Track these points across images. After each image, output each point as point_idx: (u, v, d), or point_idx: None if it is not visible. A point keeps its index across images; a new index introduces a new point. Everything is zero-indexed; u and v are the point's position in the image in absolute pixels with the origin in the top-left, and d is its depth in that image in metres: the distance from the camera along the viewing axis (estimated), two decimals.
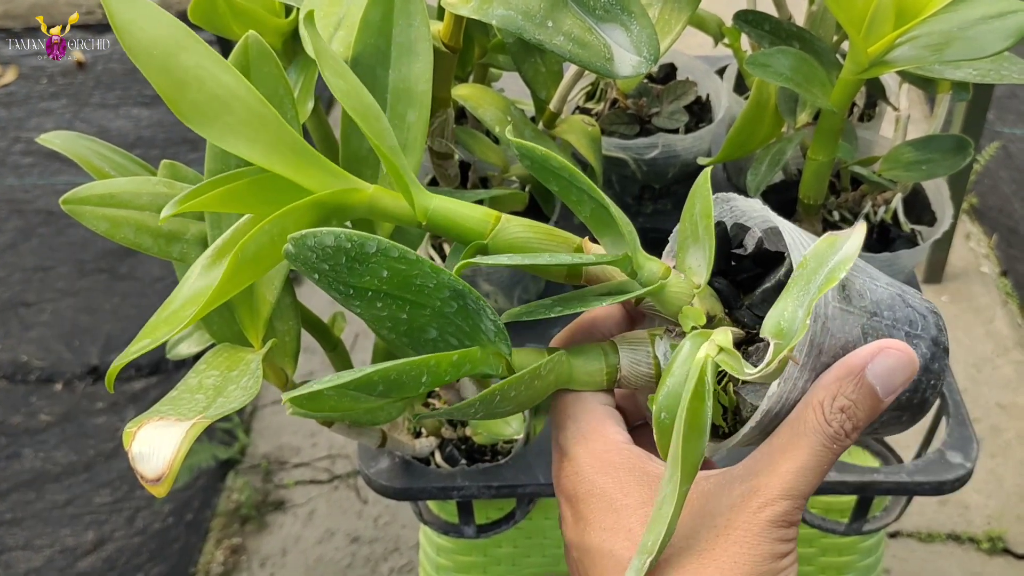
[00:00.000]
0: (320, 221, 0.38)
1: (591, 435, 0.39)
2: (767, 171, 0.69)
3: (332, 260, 0.34)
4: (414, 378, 0.35)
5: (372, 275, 0.34)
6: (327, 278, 0.34)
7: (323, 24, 0.55)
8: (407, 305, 0.36)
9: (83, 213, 0.46)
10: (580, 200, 0.40)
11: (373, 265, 0.34)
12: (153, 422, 0.42)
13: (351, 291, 0.35)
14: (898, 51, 0.59)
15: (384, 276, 0.35)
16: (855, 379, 0.35)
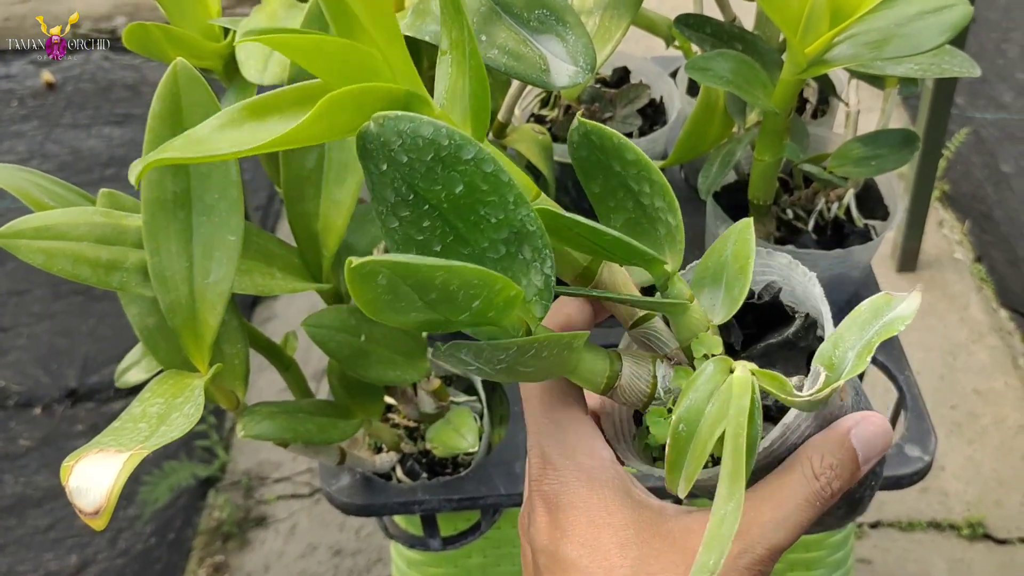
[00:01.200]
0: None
1: (579, 447, 0.39)
2: (718, 172, 0.70)
3: (417, 154, 0.30)
4: (470, 296, 0.31)
5: (446, 186, 0.31)
6: (395, 173, 0.30)
7: (259, 46, 0.55)
8: (450, 236, 0.32)
9: (18, 247, 0.46)
10: (622, 203, 0.40)
11: (455, 174, 0.30)
12: (92, 455, 0.42)
13: (411, 197, 0.31)
14: (836, 50, 0.59)
15: (457, 192, 0.31)
16: (841, 441, 0.37)
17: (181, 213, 0.48)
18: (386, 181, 0.30)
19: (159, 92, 0.46)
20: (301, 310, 1.71)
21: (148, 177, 0.47)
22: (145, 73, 2.38)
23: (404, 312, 0.31)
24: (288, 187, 0.55)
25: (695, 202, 0.87)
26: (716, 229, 0.75)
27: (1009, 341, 1.60)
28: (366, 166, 0.30)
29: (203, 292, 0.49)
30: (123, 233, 0.49)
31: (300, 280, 0.56)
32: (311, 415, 0.58)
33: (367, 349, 0.58)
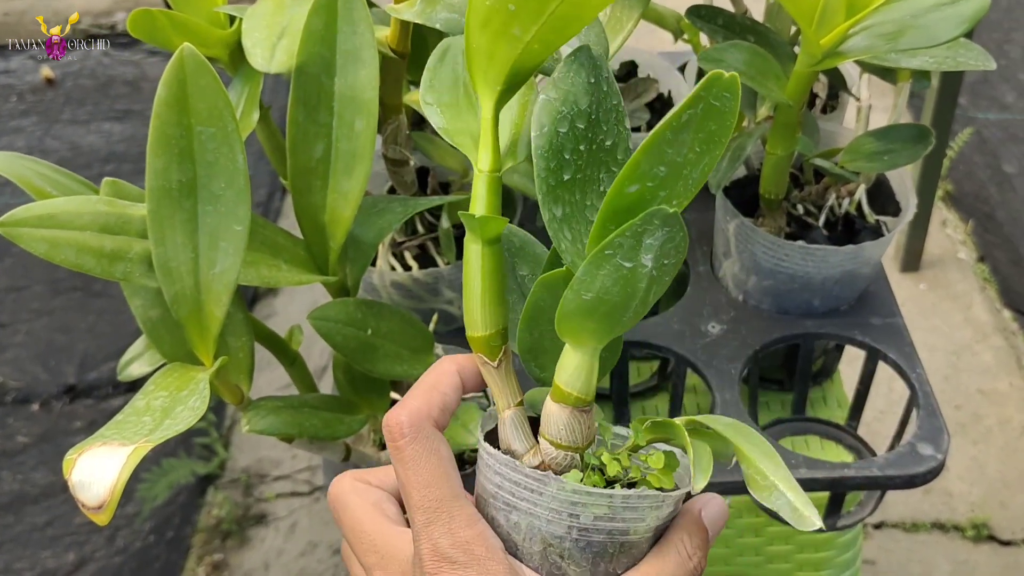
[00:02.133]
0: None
1: (470, 537, 0.37)
2: (728, 166, 0.69)
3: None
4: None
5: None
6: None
7: (266, 34, 0.54)
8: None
9: (20, 235, 0.45)
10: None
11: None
12: (95, 448, 0.41)
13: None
14: (851, 41, 0.58)
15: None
16: (698, 522, 0.40)
17: (187, 202, 0.47)
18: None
19: (165, 78, 0.45)
20: (302, 307, 1.70)
21: (153, 165, 0.47)
22: (145, 69, 2.37)
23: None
24: (295, 178, 0.54)
25: (703, 197, 0.86)
26: (725, 224, 0.74)
27: (1013, 342, 1.59)
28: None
29: (209, 283, 0.48)
30: (127, 222, 0.48)
31: (306, 272, 0.55)
32: (316, 410, 0.57)
33: (374, 343, 0.57)
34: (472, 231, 0.38)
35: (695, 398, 0.84)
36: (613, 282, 0.33)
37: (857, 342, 0.73)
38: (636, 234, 0.31)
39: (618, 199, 0.33)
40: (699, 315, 0.76)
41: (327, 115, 0.53)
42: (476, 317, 0.39)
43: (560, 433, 0.38)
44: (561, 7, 0.33)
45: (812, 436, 0.79)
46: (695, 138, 0.32)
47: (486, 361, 0.40)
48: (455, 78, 0.43)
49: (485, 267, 0.38)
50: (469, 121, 0.42)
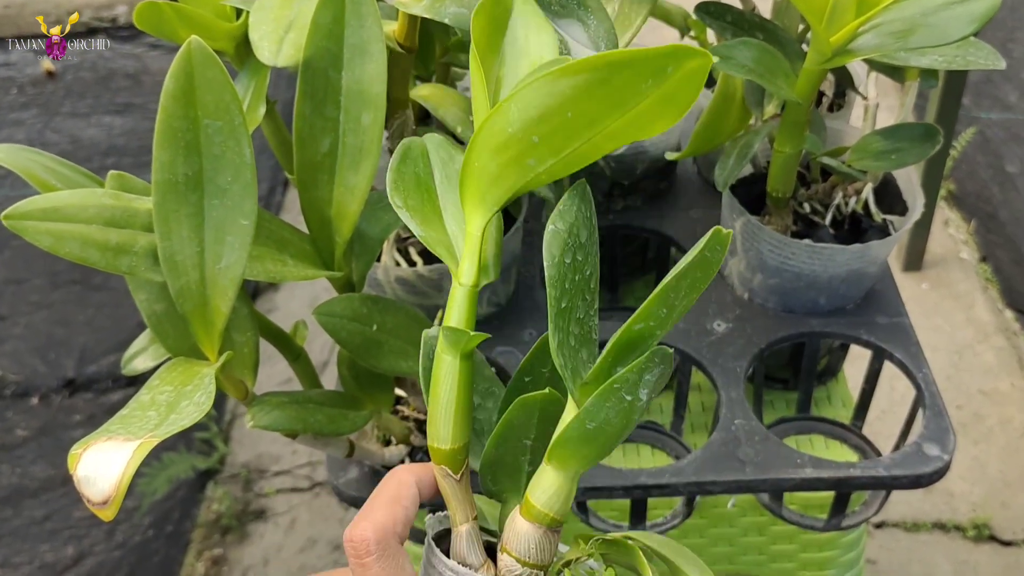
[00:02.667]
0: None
1: None
2: (735, 164, 0.68)
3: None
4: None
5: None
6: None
7: (273, 27, 0.54)
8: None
9: (25, 228, 0.45)
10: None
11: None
12: (100, 443, 0.40)
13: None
14: (861, 39, 0.58)
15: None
16: None
17: (193, 196, 0.47)
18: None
19: (172, 71, 0.45)
20: (302, 302, 1.70)
21: (159, 158, 0.46)
22: (146, 62, 2.36)
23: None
24: (301, 172, 0.53)
25: (709, 195, 0.86)
26: (732, 222, 0.73)
27: (1015, 342, 1.58)
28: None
29: (214, 277, 0.48)
30: (133, 216, 0.47)
31: (312, 267, 0.55)
32: (321, 406, 0.57)
33: (379, 339, 0.57)
34: (452, 345, 0.38)
35: (700, 396, 0.83)
36: (616, 413, 0.35)
37: (863, 341, 0.73)
38: (640, 371, 0.34)
39: (625, 335, 0.35)
40: (704, 313, 0.76)
41: (334, 109, 0.53)
42: (444, 431, 0.39)
43: (529, 551, 0.38)
44: (582, 146, 0.33)
45: (817, 435, 0.78)
46: (686, 284, 0.35)
47: (448, 474, 0.39)
48: (417, 181, 0.43)
49: (459, 381, 0.38)
50: (438, 229, 0.42)
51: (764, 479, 0.64)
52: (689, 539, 0.81)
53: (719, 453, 0.66)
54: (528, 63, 0.41)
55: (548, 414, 0.38)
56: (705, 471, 0.65)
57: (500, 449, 0.40)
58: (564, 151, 0.34)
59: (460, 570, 0.38)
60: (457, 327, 0.38)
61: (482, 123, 0.34)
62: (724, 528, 0.79)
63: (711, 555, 0.82)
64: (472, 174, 0.36)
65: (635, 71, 0.30)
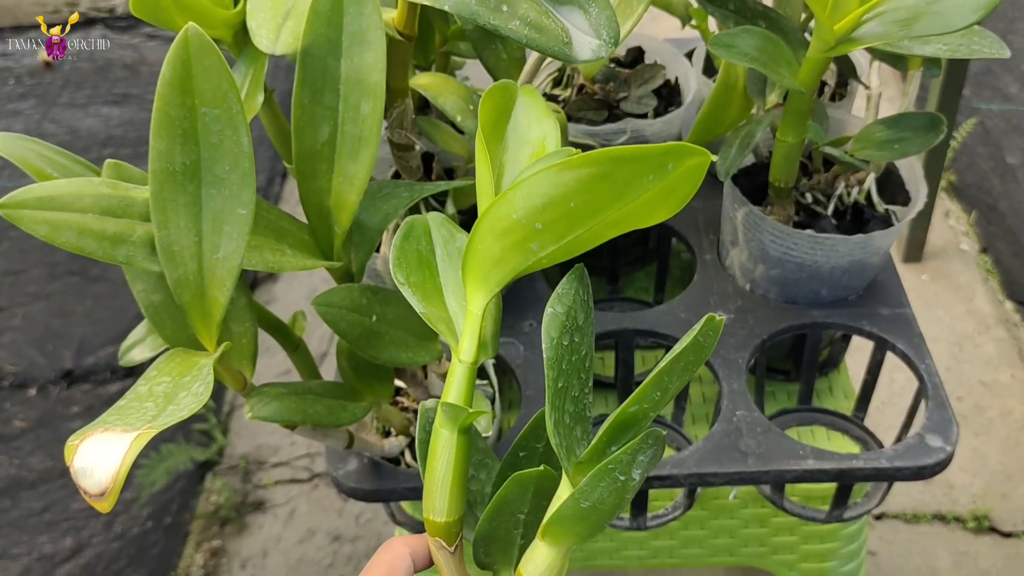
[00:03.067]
0: None
1: None
2: (737, 154, 0.68)
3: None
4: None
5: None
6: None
7: (271, 14, 0.53)
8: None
9: (21, 217, 0.44)
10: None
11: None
12: (97, 434, 0.40)
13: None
14: (865, 28, 0.57)
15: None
16: None
17: (190, 185, 0.46)
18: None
19: (169, 58, 0.44)
20: (301, 293, 1.70)
21: (156, 147, 0.46)
22: (144, 53, 2.36)
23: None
24: (300, 162, 0.53)
25: (710, 185, 0.85)
26: (733, 212, 0.73)
27: (1015, 333, 1.58)
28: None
29: (212, 268, 0.47)
30: (130, 205, 0.47)
31: (311, 257, 0.54)
32: (320, 397, 0.56)
33: (378, 330, 0.56)
34: (450, 420, 0.39)
35: (701, 387, 0.83)
36: (609, 493, 0.36)
37: (865, 332, 0.73)
38: (633, 452, 0.35)
39: (621, 416, 0.36)
40: (706, 304, 0.75)
41: (333, 98, 0.52)
42: (440, 504, 0.40)
43: None
44: (584, 234, 0.34)
45: (818, 427, 0.78)
46: (679, 367, 0.36)
47: (443, 546, 0.40)
48: (420, 258, 0.44)
49: (456, 456, 0.39)
50: (439, 306, 0.43)
51: (766, 471, 0.64)
52: (690, 531, 0.80)
53: (721, 444, 0.65)
54: (530, 151, 0.43)
55: (542, 489, 0.39)
56: (706, 462, 0.64)
57: (494, 523, 0.41)
58: (566, 238, 0.35)
59: None
60: (456, 403, 0.39)
61: (487, 208, 0.35)
62: (725, 520, 0.79)
63: (712, 547, 0.81)
64: (475, 256, 0.37)
65: (637, 166, 0.31)
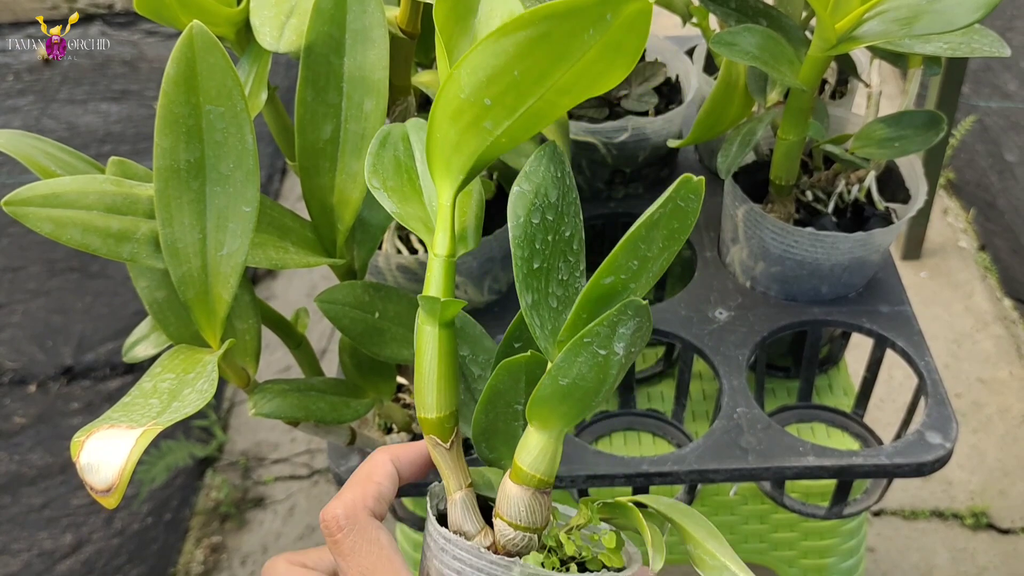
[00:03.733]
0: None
1: None
2: (738, 152, 0.68)
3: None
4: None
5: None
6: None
7: (275, 12, 0.53)
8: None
9: (26, 215, 0.44)
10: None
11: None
12: (103, 430, 0.40)
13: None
14: (866, 26, 0.57)
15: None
16: None
17: (195, 183, 0.46)
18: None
19: (174, 56, 0.44)
20: (300, 290, 1.70)
21: (160, 145, 0.46)
22: (143, 49, 2.36)
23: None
24: (303, 159, 0.53)
25: (711, 182, 0.86)
26: (734, 210, 0.73)
27: (1013, 330, 1.59)
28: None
29: (216, 265, 0.48)
30: (134, 203, 0.47)
31: (314, 254, 0.54)
32: (323, 394, 0.57)
33: (381, 326, 0.57)
34: (429, 314, 0.39)
35: (701, 384, 0.83)
36: (589, 368, 0.34)
37: (865, 330, 0.73)
38: (612, 324, 0.33)
39: (594, 290, 0.35)
40: (706, 301, 0.75)
41: (336, 95, 0.52)
42: (429, 400, 0.39)
43: (520, 515, 0.38)
44: (536, 104, 0.33)
45: (818, 423, 0.78)
46: (661, 235, 0.34)
47: (438, 443, 0.40)
48: (397, 163, 0.44)
49: (441, 350, 0.39)
50: (416, 206, 0.43)
51: (766, 467, 0.64)
52: None
53: (721, 441, 0.66)
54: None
55: (535, 377, 0.38)
56: (707, 459, 0.65)
57: (490, 415, 0.40)
58: (518, 110, 0.33)
59: (461, 543, 0.38)
60: (434, 296, 0.38)
61: (439, 93, 0.34)
62: (726, 516, 0.79)
63: None
64: (435, 145, 0.36)
65: (574, 22, 0.30)
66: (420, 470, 0.43)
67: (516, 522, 0.38)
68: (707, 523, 0.39)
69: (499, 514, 0.39)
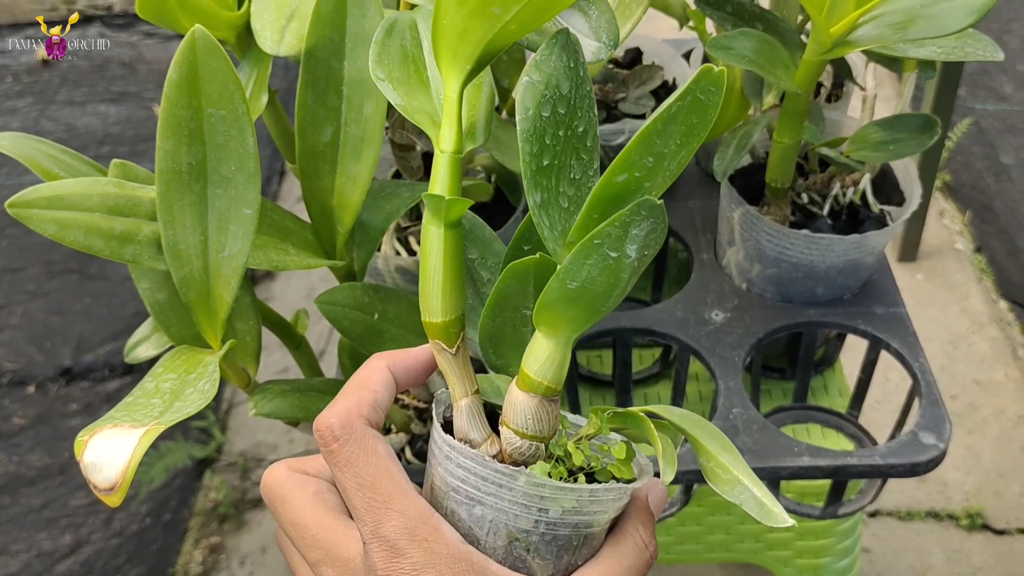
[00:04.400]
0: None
1: (426, 533, 0.35)
2: (734, 155, 0.69)
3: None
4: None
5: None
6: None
7: (275, 16, 0.54)
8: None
9: (30, 216, 0.45)
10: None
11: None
12: (106, 430, 0.41)
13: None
14: (861, 30, 0.58)
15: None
16: (647, 509, 0.40)
17: (196, 185, 0.47)
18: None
19: (176, 60, 0.45)
20: (299, 291, 1.70)
21: (163, 147, 0.46)
22: (141, 51, 2.36)
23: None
24: (303, 162, 0.53)
25: (707, 185, 0.86)
26: (730, 212, 0.74)
27: (1009, 332, 1.59)
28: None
29: (218, 266, 0.48)
30: (137, 205, 0.48)
31: (314, 256, 0.55)
32: (323, 394, 0.57)
33: (380, 327, 0.57)
34: (434, 213, 0.36)
35: (697, 386, 0.84)
36: (599, 272, 0.32)
37: (860, 331, 0.74)
38: (624, 224, 0.31)
39: (606, 188, 0.33)
40: (703, 303, 0.76)
41: (336, 99, 0.53)
42: (435, 303, 0.38)
43: (527, 423, 0.37)
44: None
45: (813, 424, 0.79)
46: (678, 130, 0.32)
47: (443, 348, 0.38)
48: (404, 54, 0.42)
49: (447, 251, 0.37)
50: (423, 99, 0.41)
51: (762, 467, 0.65)
52: (686, 527, 0.81)
53: None
54: None
55: (544, 281, 0.35)
56: None
57: (497, 320, 0.39)
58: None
59: (465, 451, 0.37)
60: (439, 194, 0.36)
61: None
62: (721, 516, 0.80)
63: (708, 543, 0.82)
64: (441, 32, 0.35)
65: None
66: (418, 376, 0.41)
67: (523, 430, 0.37)
68: (721, 436, 0.37)
69: (505, 422, 0.37)
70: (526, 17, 0.33)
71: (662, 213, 0.32)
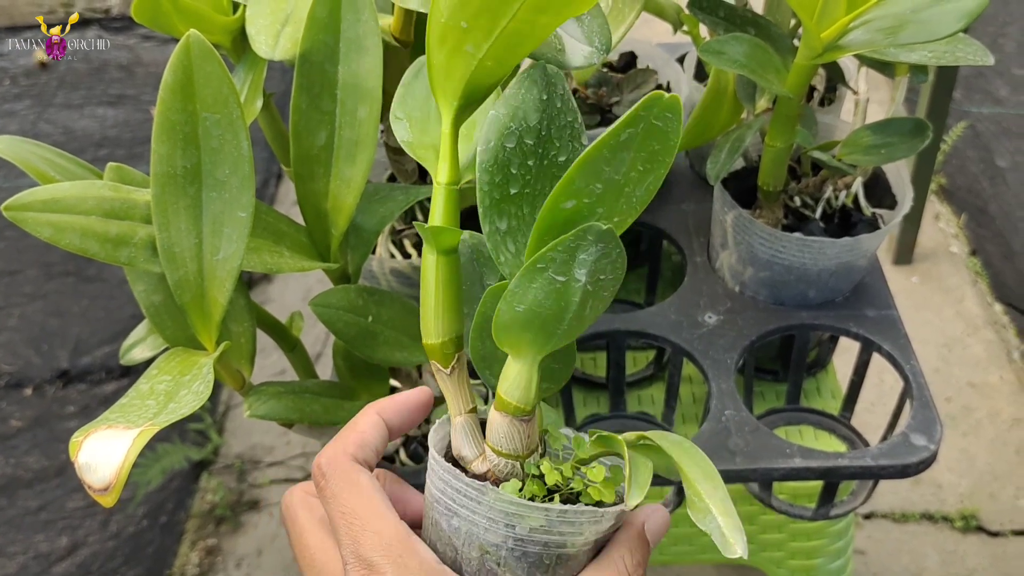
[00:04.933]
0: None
1: (400, 550, 0.37)
2: (727, 158, 0.69)
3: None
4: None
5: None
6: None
7: (270, 21, 0.54)
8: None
9: (25, 219, 0.45)
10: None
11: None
12: (101, 431, 0.41)
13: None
14: (851, 35, 0.58)
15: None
16: (641, 537, 0.41)
17: (191, 188, 0.47)
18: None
19: (171, 64, 0.45)
20: (296, 294, 1.71)
21: (157, 151, 0.47)
22: (139, 54, 2.36)
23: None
24: (298, 165, 0.54)
25: (700, 188, 0.87)
26: (723, 215, 0.74)
27: (1004, 335, 1.60)
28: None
29: (212, 269, 0.48)
30: (132, 208, 0.48)
31: (308, 259, 0.55)
32: (317, 396, 0.58)
33: (374, 330, 0.58)
34: (428, 242, 0.39)
35: (691, 388, 0.84)
36: (545, 295, 0.33)
37: (852, 334, 0.74)
38: (569, 249, 0.32)
39: (553, 214, 0.34)
40: (696, 306, 0.76)
41: (330, 103, 0.53)
42: (430, 325, 0.40)
43: (501, 441, 0.39)
44: (511, 24, 0.33)
45: (806, 426, 0.79)
46: (637, 157, 0.33)
47: (439, 368, 0.41)
48: (427, 93, 0.44)
49: (440, 277, 0.39)
50: (434, 135, 0.43)
51: (754, 469, 0.65)
52: (680, 528, 0.81)
53: (709, 443, 0.67)
54: None
55: None
56: None
57: (485, 343, 0.40)
58: (494, 31, 0.34)
59: (443, 464, 0.39)
60: (435, 225, 0.38)
61: (428, 18, 0.35)
62: None
63: (702, 544, 0.83)
64: (432, 71, 0.37)
65: None
66: (412, 417, 0.44)
67: (498, 448, 0.39)
68: (707, 463, 0.38)
69: (487, 440, 0.40)
70: (499, 54, 0.35)
71: (613, 239, 0.32)
